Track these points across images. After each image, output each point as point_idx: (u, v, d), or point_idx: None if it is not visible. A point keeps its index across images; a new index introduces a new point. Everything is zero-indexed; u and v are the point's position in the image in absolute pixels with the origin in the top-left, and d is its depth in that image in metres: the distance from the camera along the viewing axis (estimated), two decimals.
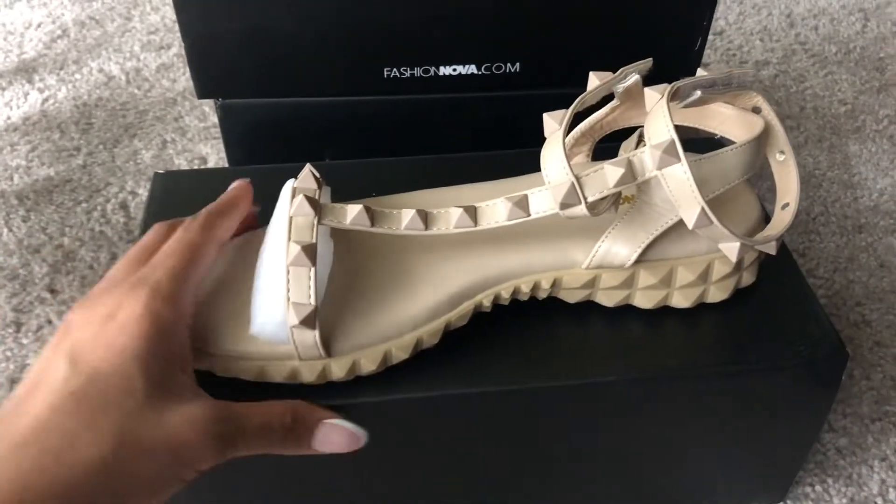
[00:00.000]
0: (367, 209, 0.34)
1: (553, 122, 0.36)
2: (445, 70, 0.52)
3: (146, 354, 0.29)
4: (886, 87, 0.78)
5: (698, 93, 0.36)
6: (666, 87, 0.35)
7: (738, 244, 0.35)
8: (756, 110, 0.39)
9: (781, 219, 0.38)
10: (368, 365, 0.35)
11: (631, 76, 0.37)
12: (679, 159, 0.33)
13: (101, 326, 0.30)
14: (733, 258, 0.36)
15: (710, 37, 0.70)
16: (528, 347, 0.38)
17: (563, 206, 0.33)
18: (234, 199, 0.37)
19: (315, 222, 0.34)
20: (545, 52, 0.53)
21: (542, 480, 0.42)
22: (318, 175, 0.35)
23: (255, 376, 0.35)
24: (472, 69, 0.52)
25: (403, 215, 0.35)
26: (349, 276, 0.36)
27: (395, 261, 0.37)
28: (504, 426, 0.39)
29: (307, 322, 0.33)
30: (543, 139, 0.36)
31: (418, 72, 0.52)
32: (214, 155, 0.69)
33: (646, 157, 0.33)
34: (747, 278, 0.40)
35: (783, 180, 0.39)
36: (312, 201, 0.34)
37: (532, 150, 0.36)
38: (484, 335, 0.38)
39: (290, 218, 0.34)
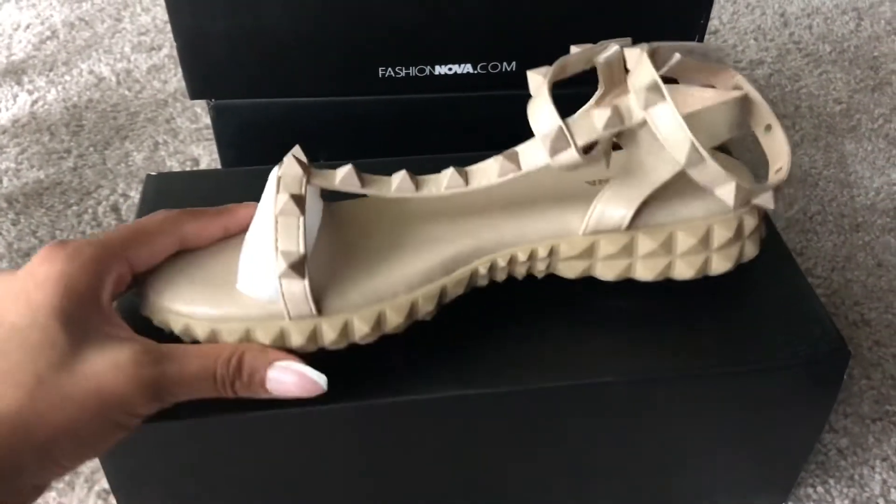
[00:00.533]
0: (356, 171, 0.34)
1: (538, 77, 0.35)
2: (441, 69, 0.52)
3: (64, 309, 0.30)
4: (881, 85, 0.78)
5: (678, 55, 0.36)
6: (644, 46, 0.35)
7: (733, 185, 0.34)
8: (737, 88, 0.39)
9: (776, 179, 0.38)
10: (362, 326, 0.34)
11: (611, 47, 0.37)
12: (664, 98, 0.33)
13: (21, 284, 0.30)
14: (731, 201, 0.35)
15: (705, 36, 0.69)
16: (527, 349, 0.37)
17: (554, 151, 0.33)
18: (219, 209, 0.36)
19: (304, 179, 0.34)
20: (541, 51, 0.52)
21: (542, 482, 0.42)
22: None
23: (240, 339, 0.34)
24: (468, 68, 0.52)
25: (394, 178, 0.35)
26: (342, 244, 0.36)
27: (389, 230, 0.37)
28: (504, 428, 0.38)
29: (296, 269, 0.33)
30: None
31: (413, 71, 0.51)
32: (207, 156, 0.69)
33: (631, 100, 0.33)
34: (750, 249, 0.39)
35: (773, 149, 0.39)
36: (301, 163, 0.34)
37: None
38: (483, 336, 0.38)
39: (279, 177, 0.34)
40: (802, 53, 0.82)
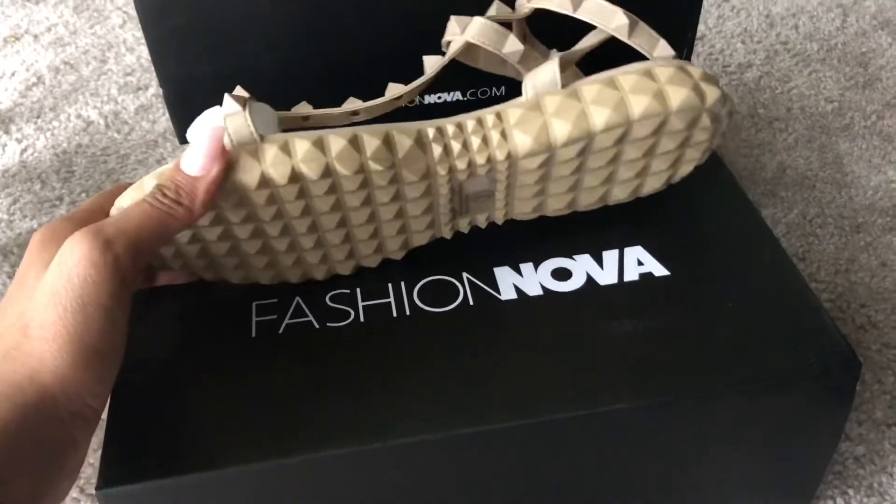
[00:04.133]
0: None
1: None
2: (430, 98, 0.51)
3: (36, 261, 0.34)
4: (871, 81, 0.78)
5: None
6: None
7: (620, 13, 0.39)
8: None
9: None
10: (302, 144, 0.35)
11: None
12: None
13: None
14: (624, 21, 0.39)
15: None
16: (533, 379, 0.37)
17: (463, 28, 0.41)
18: None
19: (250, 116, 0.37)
20: None
21: None
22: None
23: None
24: (457, 96, 0.51)
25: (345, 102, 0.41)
26: None
27: None
28: (518, 462, 0.38)
29: (239, 101, 0.36)
30: None
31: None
32: None
33: None
34: (710, 90, 0.38)
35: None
36: (238, 98, 0.37)
37: None
38: (487, 369, 0.37)
39: (225, 117, 0.36)
40: (791, 54, 0.82)
